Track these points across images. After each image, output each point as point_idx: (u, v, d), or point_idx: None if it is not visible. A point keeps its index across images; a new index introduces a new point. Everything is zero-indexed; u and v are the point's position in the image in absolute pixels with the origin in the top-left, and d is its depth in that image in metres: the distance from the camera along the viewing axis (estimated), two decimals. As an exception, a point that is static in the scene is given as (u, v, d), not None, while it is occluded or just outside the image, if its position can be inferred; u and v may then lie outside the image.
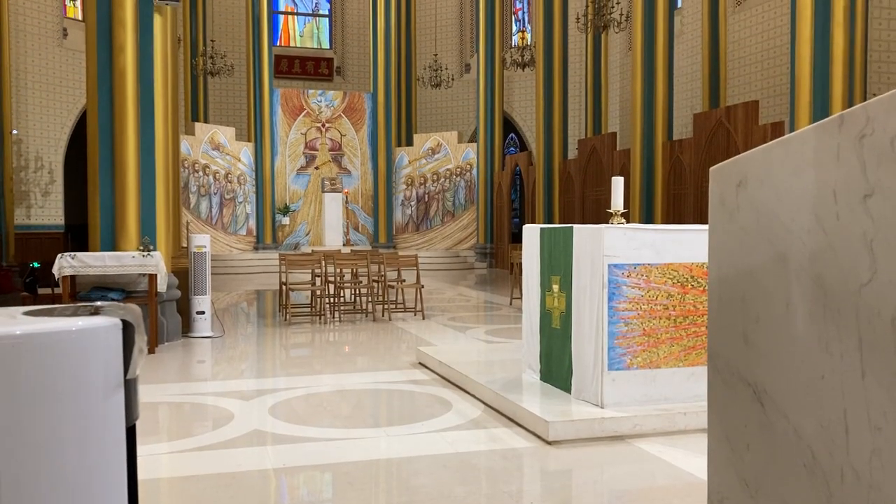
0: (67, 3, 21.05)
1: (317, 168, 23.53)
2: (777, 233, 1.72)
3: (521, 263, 6.56)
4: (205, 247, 9.16)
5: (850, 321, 1.49)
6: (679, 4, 19.18)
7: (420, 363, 7.26)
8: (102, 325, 1.21)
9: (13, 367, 1.14)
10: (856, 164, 1.48)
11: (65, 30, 20.42)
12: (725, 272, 1.95)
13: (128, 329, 1.27)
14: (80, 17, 21.05)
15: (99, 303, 1.37)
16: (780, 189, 1.71)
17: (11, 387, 1.15)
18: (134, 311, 1.31)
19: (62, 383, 1.18)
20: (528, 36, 24.47)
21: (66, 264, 7.63)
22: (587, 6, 18.61)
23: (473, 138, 23.86)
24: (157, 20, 8.78)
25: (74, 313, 1.28)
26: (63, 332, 1.20)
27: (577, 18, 18.39)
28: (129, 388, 1.29)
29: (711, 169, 2.00)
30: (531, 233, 5.92)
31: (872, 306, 1.44)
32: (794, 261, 1.66)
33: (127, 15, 8.34)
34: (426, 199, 23.78)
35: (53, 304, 7.10)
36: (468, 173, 23.20)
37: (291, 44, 26.69)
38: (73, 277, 7.93)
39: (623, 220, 5.47)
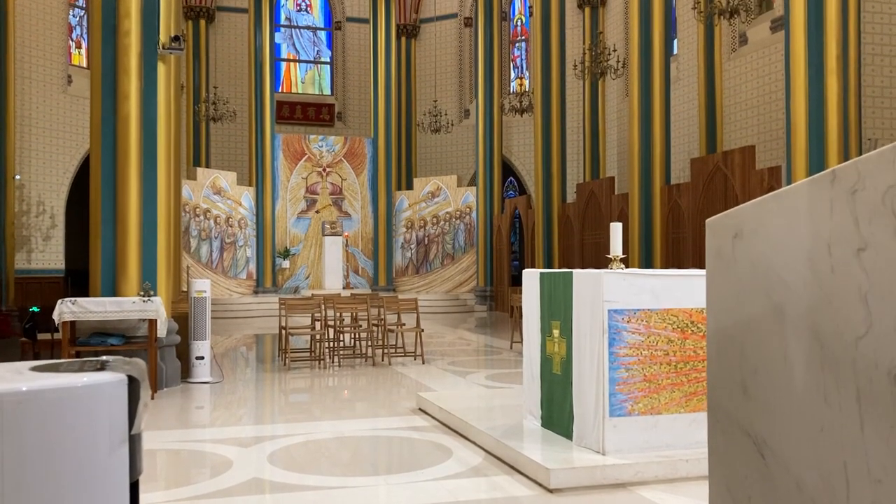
0: (73, 50, 21.37)
1: (317, 212, 23.65)
2: (773, 285, 1.74)
3: (521, 307, 6.56)
4: (205, 291, 9.17)
5: (848, 373, 1.50)
6: (675, 51, 19.48)
7: (420, 409, 7.22)
8: (108, 381, 1.22)
9: (20, 422, 1.16)
10: (849, 219, 1.50)
11: (69, 76, 20.70)
12: (723, 323, 1.96)
13: (133, 384, 1.28)
14: (84, 65, 21.35)
15: (105, 357, 1.38)
16: (775, 242, 1.73)
17: (18, 442, 1.15)
18: (139, 365, 1.32)
19: (68, 439, 1.19)
20: (526, 82, 24.80)
21: (67, 310, 7.63)
22: (584, 54, 18.90)
23: (473, 182, 24.03)
24: (161, 68, 8.91)
25: (80, 368, 1.29)
26: (69, 389, 1.21)
27: (575, 65, 18.66)
28: (134, 443, 1.30)
29: (707, 221, 2.03)
30: (531, 277, 5.94)
31: (869, 359, 1.45)
32: (791, 313, 1.68)
33: (131, 63, 8.48)
34: (426, 242, 23.86)
35: (53, 349, 7.05)
36: (468, 216, 23.32)
37: (293, 90, 27.03)
38: (72, 323, 7.93)
39: (622, 266, 5.49)
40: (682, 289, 5.04)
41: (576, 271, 5.33)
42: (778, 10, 16.05)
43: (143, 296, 7.97)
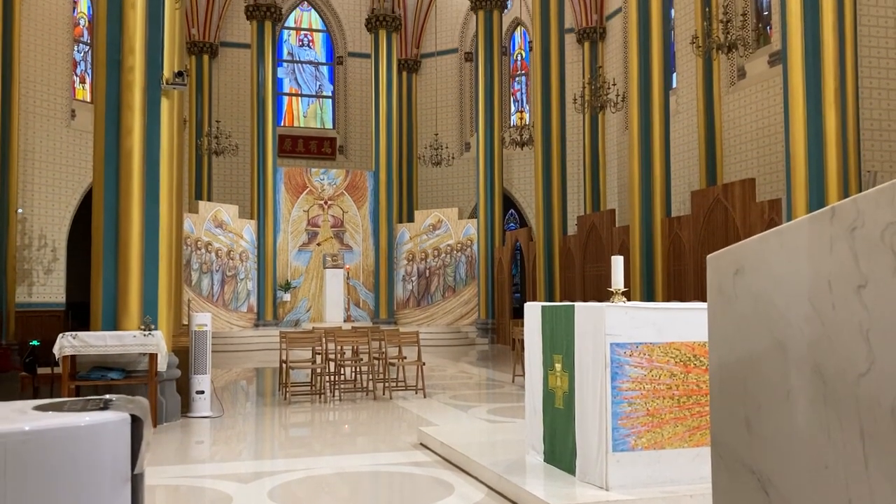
0: (76, 85, 21.58)
1: (318, 244, 23.69)
2: (775, 321, 1.75)
3: (522, 340, 6.55)
4: (206, 325, 9.16)
5: (851, 410, 1.50)
6: (674, 84, 19.65)
7: (421, 444, 7.16)
8: (111, 421, 1.22)
9: (23, 463, 1.15)
10: (849, 256, 1.51)
11: (73, 111, 20.88)
12: (726, 359, 1.96)
13: (136, 424, 1.28)
14: (88, 99, 21.54)
15: (108, 396, 1.38)
16: (776, 278, 1.74)
17: (22, 482, 1.15)
18: (142, 404, 1.32)
19: (71, 478, 1.19)
20: (526, 116, 24.99)
21: (67, 344, 7.62)
22: (584, 87, 19.07)
23: (474, 214, 24.10)
24: (165, 103, 8.99)
25: (84, 408, 1.29)
26: (72, 429, 1.21)
27: (574, 99, 18.82)
28: (136, 482, 1.29)
29: (709, 257, 2.04)
30: (532, 311, 5.93)
31: (872, 396, 1.45)
32: (793, 349, 1.68)
33: (135, 99, 8.56)
34: (427, 274, 23.86)
35: (53, 383, 7.02)
36: (469, 249, 23.34)
37: (295, 124, 27.23)
38: (73, 357, 7.90)
39: (624, 299, 5.49)
40: (685, 322, 5.03)
41: (577, 304, 5.33)
42: (775, 45, 16.22)
43: (144, 329, 7.96)
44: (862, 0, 13.87)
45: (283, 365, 10.67)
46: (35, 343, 11.83)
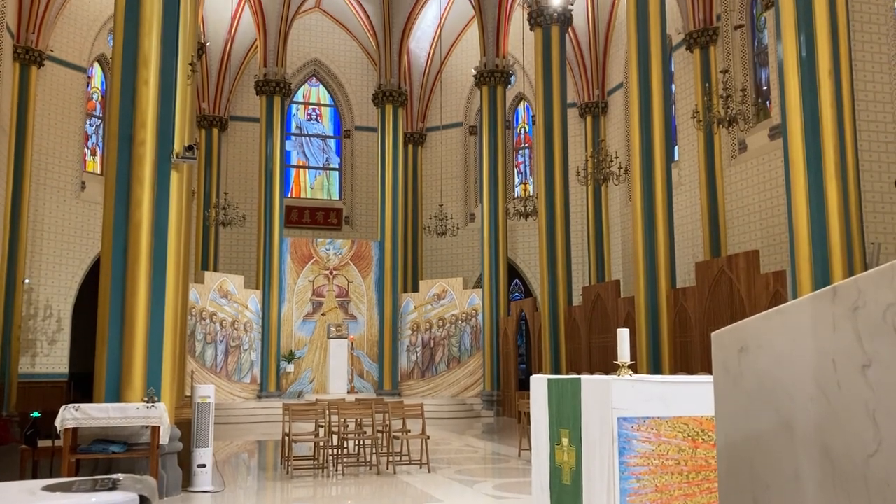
0: (87, 157, 21.96)
1: (323, 314, 23.65)
2: (781, 399, 1.75)
3: (528, 413, 6.48)
4: (209, 397, 9.09)
5: (861, 492, 1.49)
6: (676, 157, 19.91)
7: (426, 520, 7.02)
8: (120, 501, 1.22)
9: (30, 546, 1.15)
10: (852, 335, 1.53)
11: (83, 182, 21.18)
12: (733, 438, 1.96)
13: (144, 503, 1.28)
14: (98, 171, 21.89)
15: (117, 476, 1.38)
16: (780, 356, 1.75)
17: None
18: (149, 483, 1.32)
19: (76, 562, 1.18)
20: (530, 187, 25.27)
21: (70, 416, 7.56)
22: (586, 160, 19.33)
23: (479, 284, 24.11)
24: (174, 176, 9.12)
25: (93, 487, 1.29)
26: (81, 510, 1.20)
27: (577, 171, 19.05)
28: (141, 565, 1.28)
29: (713, 334, 2.05)
30: (538, 383, 5.89)
31: (881, 478, 1.44)
32: (800, 428, 1.68)
33: (146, 172, 8.70)
34: (432, 344, 23.74)
35: (53, 456, 6.93)
36: (474, 319, 23.27)
37: (302, 195, 27.54)
38: (74, 429, 7.83)
39: (630, 372, 5.46)
40: (692, 395, 4.99)
41: (584, 377, 5.30)
42: (775, 119, 16.49)
43: (148, 401, 7.90)
44: (858, 76, 14.17)
45: (286, 438, 10.54)
46: (36, 415, 11.73)
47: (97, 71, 22.60)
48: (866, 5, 14.94)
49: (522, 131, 26.98)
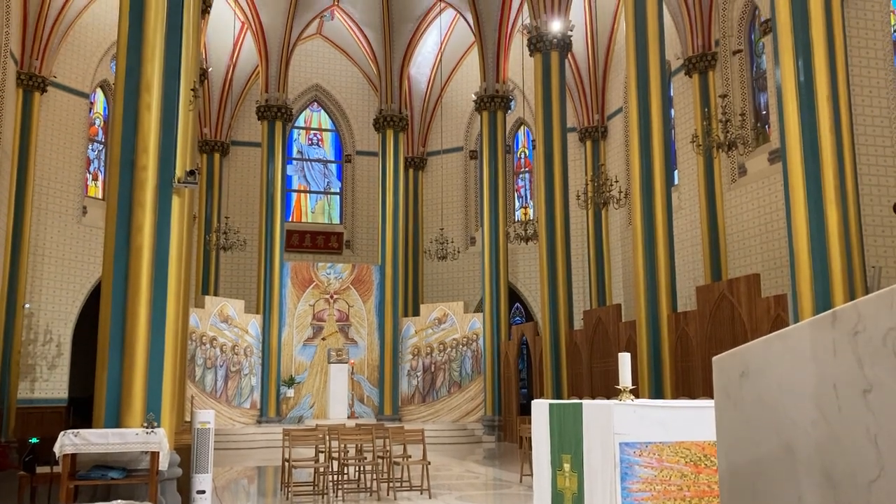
0: (89, 182, 22.03)
1: (323, 339, 23.58)
2: (782, 423, 1.74)
3: (530, 438, 6.44)
4: (209, 423, 9.05)
5: (864, 518, 1.48)
6: (676, 181, 19.96)
7: (427, 547, 6.95)
8: (117, 529, 1.21)
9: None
10: (852, 360, 1.53)
11: (84, 207, 21.23)
12: (735, 463, 1.95)
13: (142, 532, 1.26)
14: (99, 196, 21.95)
15: (115, 502, 1.37)
16: (781, 381, 1.75)
17: None
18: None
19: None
20: (530, 211, 25.31)
21: (69, 442, 7.52)
22: (586, 184, 19.38)
23: (479, 308, 24.07)
24: (176, 200, 9.13)
25: (90, 515, 1.28)
26: (78, 537, 1.19)
27: (578, 196, 19.09)
28: None
29: (714, 359, 2.05)
30: (540, 409, 5.86)
31: (884, 502, 1.43)
32: (802, 452, 1.67)
33: (147, 197, 8.72)
34: (432, 369, 23.65)
35: (52, 483, 6.87)
36: (475, 343, 23.20)
37: (303, 219, 27.59)
38: (73, 455, 7.78)
39: (632, 396, 5.43)
40: (694, 420, 4.97)
41: (585, 402, 5.28)
42: (774, 143, 16.56)
43: (147, 427, 7.86)
44: (857, 100, 14.24)
45: (286, 463, 10.47)
46: (34, 441, 11.66)
47: (99, 96, 22.74)
48: (864, 30, 15.07)
49: (523, 156, 27.08)
